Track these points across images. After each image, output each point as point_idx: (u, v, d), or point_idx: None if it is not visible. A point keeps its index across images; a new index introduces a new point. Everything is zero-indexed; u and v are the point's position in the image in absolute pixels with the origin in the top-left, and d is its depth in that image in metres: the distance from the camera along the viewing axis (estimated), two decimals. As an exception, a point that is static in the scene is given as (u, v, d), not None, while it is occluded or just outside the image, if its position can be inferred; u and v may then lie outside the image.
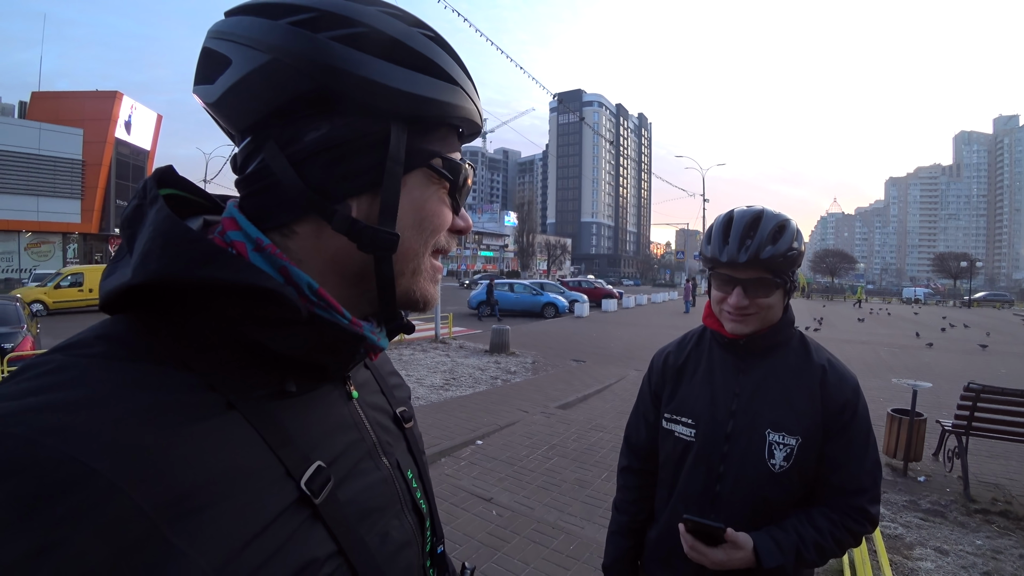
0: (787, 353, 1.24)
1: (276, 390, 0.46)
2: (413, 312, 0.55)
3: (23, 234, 29.96)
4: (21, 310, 8.52)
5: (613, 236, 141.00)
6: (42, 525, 0.30)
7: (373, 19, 0.46)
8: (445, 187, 0.52)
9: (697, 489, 1.22)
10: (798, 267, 1.21)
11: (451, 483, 4.29)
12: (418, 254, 0.51)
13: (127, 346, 0.41)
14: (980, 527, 3.92)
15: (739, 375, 1.24)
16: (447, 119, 0.51)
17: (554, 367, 9.99)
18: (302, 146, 0.45)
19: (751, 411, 1.19)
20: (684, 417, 1.26)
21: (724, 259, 1.18)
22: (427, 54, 0.48)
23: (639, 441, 1.41)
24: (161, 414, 0.37)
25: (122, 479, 0.33)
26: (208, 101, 0.47)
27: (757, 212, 1.20)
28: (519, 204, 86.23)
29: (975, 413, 4.61)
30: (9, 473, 0.30)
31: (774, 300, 1.19)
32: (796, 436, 1.15)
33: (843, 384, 1.19)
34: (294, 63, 0.43)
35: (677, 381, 1.33)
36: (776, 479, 1.15)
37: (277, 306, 0.43)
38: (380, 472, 0.54)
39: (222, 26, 0.47)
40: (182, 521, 0.34)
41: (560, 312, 21.41)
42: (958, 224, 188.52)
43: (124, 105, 33.33)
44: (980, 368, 11.12)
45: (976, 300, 53.63)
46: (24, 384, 0.36)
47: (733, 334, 1.23)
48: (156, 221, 0.43)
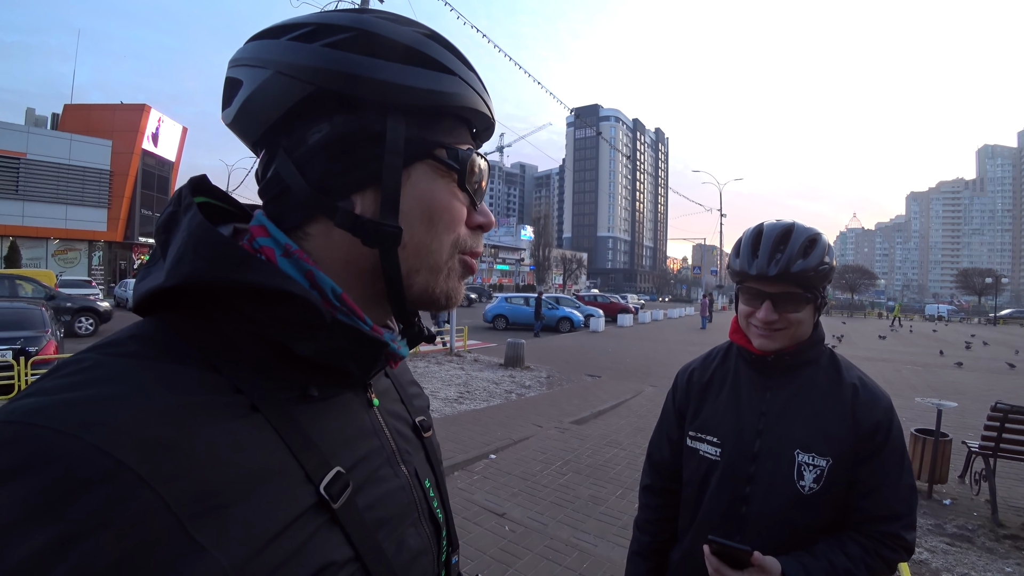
0: (817, 371, 1.20)
1: (299, 394, 0.47)
2: (436, 311, 0.54)
3: (51, 241, 30.79)
4: (46, 314, 8.72)
5: (629, 251, 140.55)
6: (72, 514, 0.31)
7: (365, 23, 0.48)
8: (454, 179, 0.52)
9: (722, 510, 1.18)
10: (829, 282, 1.18)
11: (464, 497, 4.26)
12: (433, 250, 0.51)
13: (158, 346, 0.42)
14: (1009, 553, 3.78)
15: (766, 393, 1.20)
16: (448, 109, 0.51)
17: (569, 382, 9.93)
18: (306, 148, 0.47)
19: (779, 431, 1.15)
20: (709, 435, 1.23)
21: (753, 272, 1.15)
22: (419, 47, 0.49)
23: (662, 459, 1.38)
24: (188, 413, 0.38)
25: (150, 473, 0.34)
26: (226, 122, 0.50)
27: (788, 225, 1.17)
28: (535, 218, 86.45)
29: (1003, 434, 4.46)
30: (43, 463, 0.32)
31: (804, 316, 1.16)
32: (827, 457, 1.10)
33: (876, 404, 1.14)
34: (291, 72, 0.46)
35: (702, 398, 1.29)
36: (805, 502, 1.10)
37: (302, 310, 0.44)
38: (399, 480, 0.54)
39: (238, 53, 0.50)
40: (205, 518, 0.35)
41: (575, 326, 21.35)
42: (982, 239, 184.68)
43: (152, 117, 34.34)
44: (1007, 387, 10.81)
45: (1002, 317, 52.28)
46: (60, 380, 0.37)
47: (761, 350, 1.19)
48: (190, 227, 0.45)
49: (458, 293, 0.55)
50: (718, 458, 1.20)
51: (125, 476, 0.33)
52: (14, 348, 7.12)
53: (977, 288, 63.42)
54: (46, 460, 0.32)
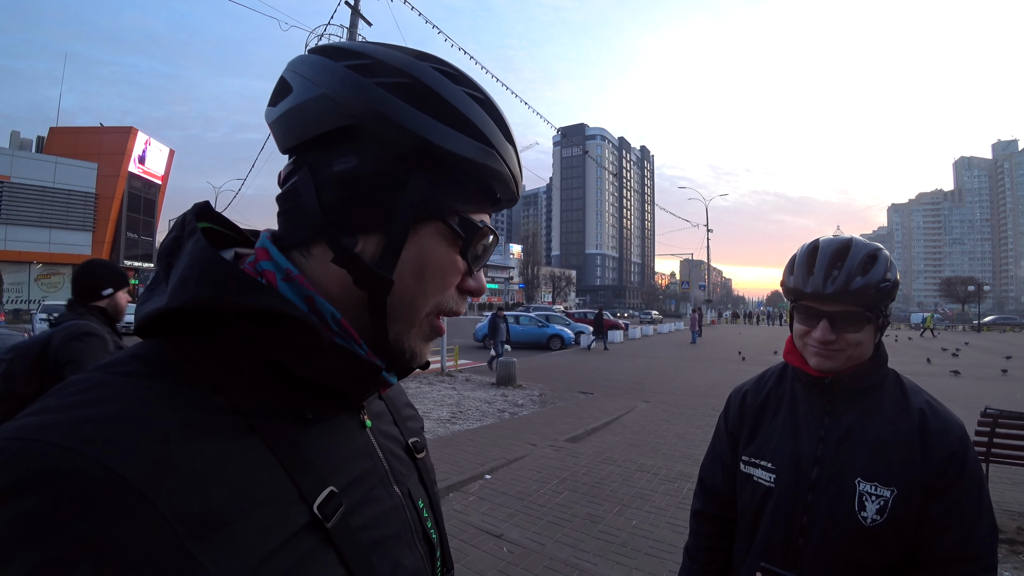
0: (881, 395, 1.12)
1: (295, 416, 0.47)
2: (400, 364, 0.55)
3: (34, 265, 30.35)
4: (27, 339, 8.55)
5: (618, 267, 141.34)
6: (77, 529, 0.32)
7: (423, 74, 0.49)
8: (458, 245, 0.52)
9: (778, 542, 1.11)
10: (892, 300, 1.10)
11: (460, 519, 4.20)
12: (415, 304, 0.51)
13: (160, 366, 0.43)
14: (1007, 558, 3.79)
15: (825, 418, 1.13)
16: (476, 179, 0.51)
17: (562, 400, 9.89)
18: (329, 174, 0.48)
19: (840, 458, 1.08)
20: (764, 461, 1.16)
21: (808, 290, 1.09)
22: (467, 113, 0.50)
23: (715, 485, 1.31)
24: (189, 431, 0.39)
25: (152, 491, 0.34)
26: (268, 120, 0.52)
27: (846, 240, 1.11)
28: (524, 237, 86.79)
29: (994, 439, 4.51)
30: (48, 479, 0.33)
31: (864, 336, 1.08)
32: (891, 487, 1.02)
33: (949, 433, 1.05)
34: (340, 100, 0.47)
35: (757, 421, 1.23)
36: (867, 535, 1.02)
37: (302, 334, 0.46)
38: (392, 500, 0.55)
39: (297, 60, 0.52)
40: (205, 536, 0.36)
41: (566, 344, 21.33)
42: (963, 248, 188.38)
43: (138, 140, 34.27)
44: (996, 393, 10.89)
45: (985, 324, 53.06)
46: (64, 399, 0.38)
47: (818, 370, 1.12)
48: (194, 251, 0.46)
49: (423, 354, 0.55)
50: (772, 484, 1.14)
51: (129, 493, 0.34)
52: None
53: (960, 296, 64.43)
54: (51, 476, 0.33)
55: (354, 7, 11.79)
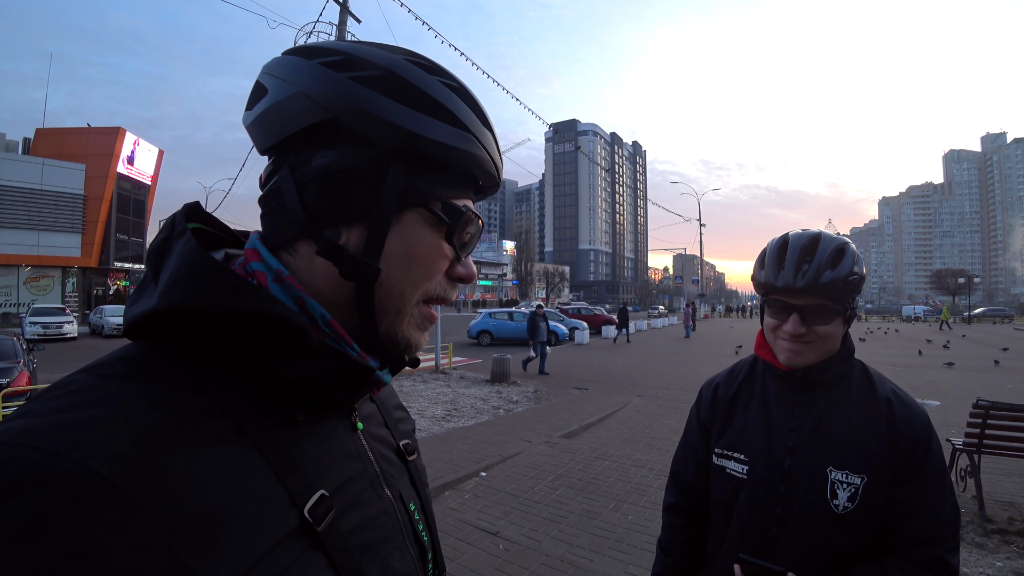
0: (849, 385, 1.15)
1: (284, 419, 0.47)
2: (396, 355, 0.55)
3: (23, 268, 30.04)
4: (18, 344, 8.47)
5: (611, 263, 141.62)
6: (63, 534, 0.31)
7: (395, 65, 0.50)
8: (443, 231, 0.52)
9: (753, 532, 1.13)
10: (859, 293, 1.14)
11: (456, 517, 4.19)
12: (404, 294, 0.51)
13: (148, 369, 0.42)
14: (999, 548, 3.82)
15: (796, 408, 1.15)
16: (455, 165, 0.51)
17: (556, 396, 9.89)
18: (309, 170, 0.48)
19: (811, 448, 1.10)
20: (737, 453, 1.18)
21: (779, 284, 1.11)
22: (441, 100, 0.50)
23: (687, 477, 1.32)
24: (177, 435, 0.38)
25: (140, 495, 0.34)
26: (245, 124, 0.52)
27: (814, 235, 1.13)
28: (517, 233, 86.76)
29: (986, 430, 4.55)
30: (34, 484, 0.32)
31: (833, 328, 1.11)
32: (861, 475, 1.05)
33: (914, 419, 1.09)
34: (313, 96, 0.47)
35: (729, 414, 1.24)
36: (840, 522, 1.05)
37: (291, 335, 0.45)
38: (382, 503, 0.54)
39: (270, 63, 0.53)
40: (193, 540, 0.35)
41: (560, 340, 21.32)
42: (953, 241, 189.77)
43: (127, 141, 33.89)
44: (987, 385, 11.01)
45: (976, 316, 53.53)
46: (50, 402, 0.38)
47: (788, 366, 1.14)
48: (183, 252, 0.45)
49: (418, 342, 0.55)
50: (745, 476, 1.15)
51: (116, 497, 0.33)
52: (-15, 380, 6.89)
53: (951, 288, 64.80)
54: (37, 480, 0.32)
55: (343, 4, 11.68)
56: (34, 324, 20.23)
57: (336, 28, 11.68)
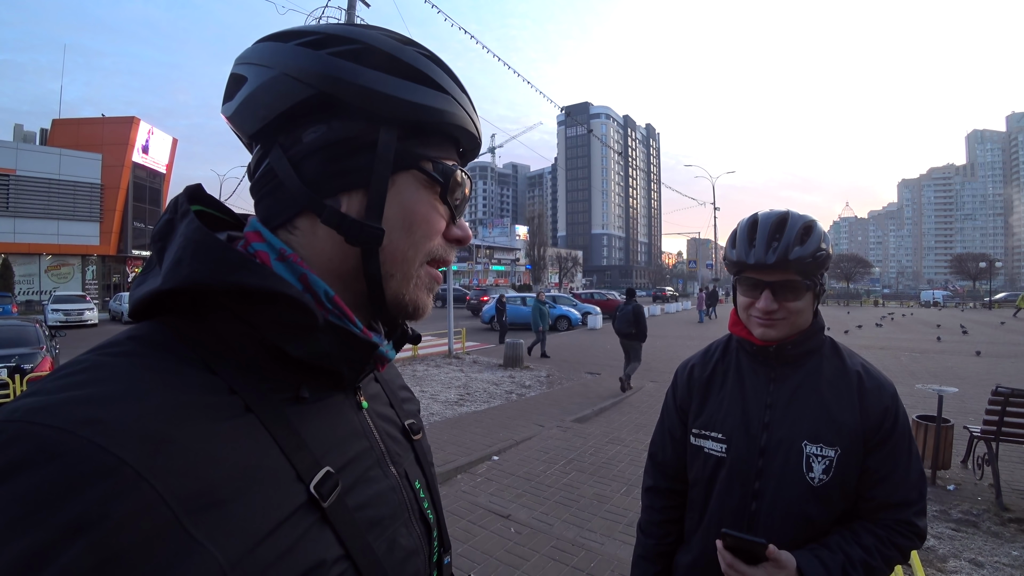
0: (820, 360, 1.19)
1: (291, 396, 0.48)
2: (407, 320, 0.57)
3: (44, 256, 30.63)
4: (40, 331, 8.66)
5: (624, 247, 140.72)
6: (73, 508, 0.32)
7: (371, 38, 0.51)
8: (437, 191, 0.54)
9: (732, 508, 1.16)
10: (827, 269, 1.18)
11: (468, 500, 4.24)
12: (407, 257, 0.53)
13: (155, 347, 0.43)
14: (1015, 537, 3.79)
15: (771, 385, 1.19)
16: (439, 127, 0.53)
17: (569, 380, 9.93)
18: (302, 146, 0.50)
19: (786, 423, 1.14)
20: (714, 432, 1.21)
21: (751, 261, 1.15)
22: (418, 66, 0.52)
23: (665, 459, 1.35)
24: (185, 411, 0.39)
25: (149, 470, 0.35)
26: (227, 115, 0.53)
27: (782, 214, 1.17)
28: (530, 218, 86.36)
29: (1004, 418, 4.48)
30: (45, 460, 0.33)
31: (803, 304, 1.15)
32: (835, 447, 1.09)
33: (882, 391, 1.13)
34: (296, 74, 0.48)
35: (704, 394, 1.27)
36: (816, 494, 1.09)
37: (296, 312, 0.46)
38: (388, 480, 0.55)
39: (245, 52, 0.53)
40: (202, 514, 0.36)
41: (573, 325, 21.36)
42: (975, 224, 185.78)
43: (141, 130, 34.24)
44: (1007, 372, 10.84)
45: (997, 301, 52.48)
46: (60, 381, 0.38)
47: (763, 340, 1.18)
48: (187, 232, 0.46)
49: (426, 305, 0.56)
50: (724, 454, 1.18)
51: (125, 472, 0.34)
52: (9, 366, 7.07)
53: (971, 273, 63.68)
54: (48, 456, 0.33)
55: (352, -12, 11.59)
56: (56, 311, 20.67)
57: (345, 13, 11.60)
